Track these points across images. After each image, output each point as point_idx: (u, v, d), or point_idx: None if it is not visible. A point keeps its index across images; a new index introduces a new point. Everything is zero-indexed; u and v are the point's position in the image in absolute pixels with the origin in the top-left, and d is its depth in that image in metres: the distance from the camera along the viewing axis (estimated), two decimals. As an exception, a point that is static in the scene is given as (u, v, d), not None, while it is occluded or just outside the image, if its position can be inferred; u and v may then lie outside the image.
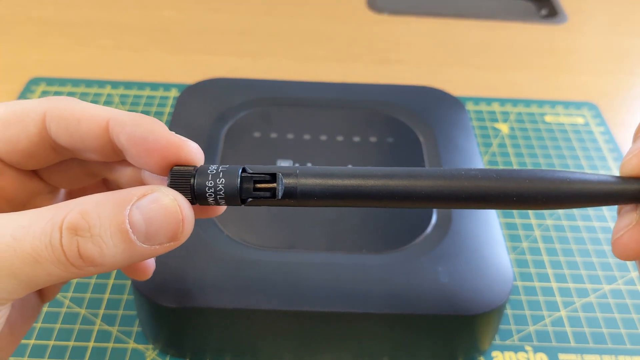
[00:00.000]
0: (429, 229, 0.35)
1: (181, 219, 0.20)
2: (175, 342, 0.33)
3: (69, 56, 0.57)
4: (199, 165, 0.21)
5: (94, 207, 0.19)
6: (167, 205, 0.20)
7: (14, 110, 0.22)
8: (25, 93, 0.52)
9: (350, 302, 0.31)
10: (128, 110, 0.22)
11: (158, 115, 0.51)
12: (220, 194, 0.21)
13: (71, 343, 0.34)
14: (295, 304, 0.31)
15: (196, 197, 0.21)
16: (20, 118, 0.21)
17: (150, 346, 0.34)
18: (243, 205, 0.21)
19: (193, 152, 0.21)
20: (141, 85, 0.54)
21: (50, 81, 0.53)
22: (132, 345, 0.34)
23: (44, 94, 0.52)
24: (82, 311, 0.36)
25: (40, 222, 0.19)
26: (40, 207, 0.24)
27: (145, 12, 0.64)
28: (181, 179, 0.21)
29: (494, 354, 0.35)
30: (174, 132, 0.21)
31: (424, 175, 0.21)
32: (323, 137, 0.40)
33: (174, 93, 0.53)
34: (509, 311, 0.37)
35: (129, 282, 0.37)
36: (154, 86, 0.54)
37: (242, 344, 0.33)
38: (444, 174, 0.21)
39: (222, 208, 0.24)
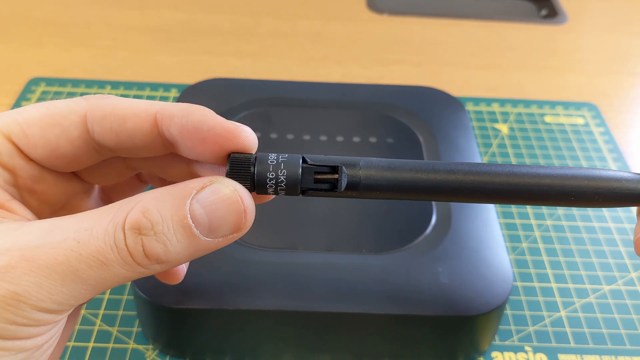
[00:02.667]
0: (429, 229, 0.35)
1: (243, 210, 0.20)
2: (175, 342, 0.33)
3: (69, 56, 0.57)
4: (254, 152, 0.21)
5: (154, 203, 0.19)
6: (228, 196, 0.19)
7: (50, 113, 0.21)
8: (25, 93, 0.52)
9: (350, 302, 0.31)
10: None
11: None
12: (281, 185, 0.20)
13: (71, 343, 0.34)
14: (295, 304, 0.31)
15: (256, 185, 0.20)
16: (58, 121, 0.21)
17: (150, 346, 0.34)
18: (301, 196, 0.21)
19: (249, 138, 0.20)
20: (141, 85, 0.54)
21: (50, 81, 0.53)
22: (132, 345, 0.34)
23: (44, 94, 0.52)
24: (82, 311, 0.36)
25: (102, 223, 0.18)
26: (78, 206, 0.23)
27: (145, 12, 0.64)
28: (241, 166, 0.20)
29: (494, 354, 0.35)
30: (224, 118, 0.20)
31: (484, 171, 0.21)
32: (323, 138, 0.40)
33: (174, 93, 0.53)
34: (508, 312, 0.37)
35: (129, 283, 0.37)
36: (154, 86, 0.54)
37: (242, 344, 0.33)
38: (504, 170, 0.21)
39: (272, 195, 0.23)
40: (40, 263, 0.18)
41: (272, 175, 0.20)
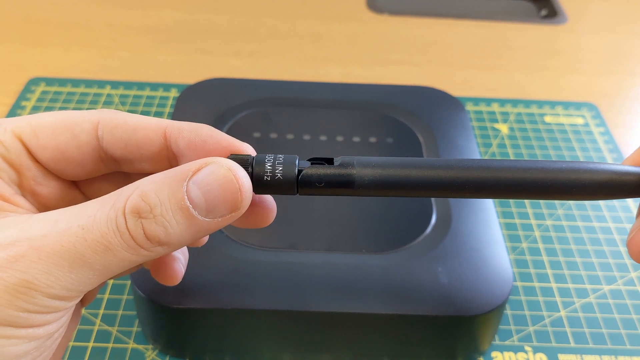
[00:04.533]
0: (429, 229, 0.35)
1: (238, 188, 0.20)
2: (175, 342, 0.33)
3: (69, 56, 0.57)
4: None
5: (152, 187, 0.19)
6: (224, 175, 0.20)
7: (63, 119, 0.22)
8: (25, 93, 0.52)
9: (350, 302, 0.31)
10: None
11: (158, 115, 0.51)
12: (278, 179, 0.21)
13: (71, 343, 0.34)
14: (295, 304, 0.31)
15: (253, 182, 0.21)
16: (70, 127, 0.22)
17: (150, 346, 0.34)
18: (298, 194, 0.21)
19: (251, 151, 0.22)
20: (141, 85, 0.54)
21: (50, 81, 0.53)
22: (131, 345, 0.34)
23: (44, 94, 0.52)
24: (82, 311, 0.36)
25: (104, 209, 0.19)
26: None
27: (145, 12, 0.64)
28: (239, 164, 0.21)
29: (494, 354, 0.35)
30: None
31: (478, 166, 0.21)
32: (323, 138, 0.40)
33: (174, 93, 0.53)
34: (508, 311, 0.37)
35: (128, 282, 0.37)
36: (154, 86, 0.54)
37: (242, 344, 0.33)
38: (493, 165, 0.21)
39: (272, 217, 0.24)
40: (48, 251, 0.18)
41: (269, 174, 0.21)
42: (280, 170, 0.21)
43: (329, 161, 0.21)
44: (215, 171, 0.20)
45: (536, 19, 0.70)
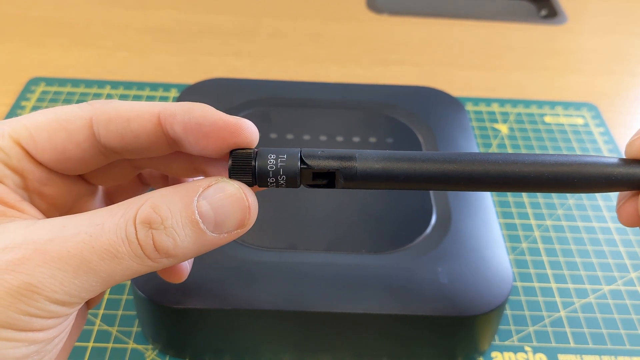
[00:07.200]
0: (429, 229, 0.35)
1: (247, 206, 0.21)
2: (174, 342, 0.33)
3: (69, 56, 0.57)
4: (255, 145, 0.22)
5: (163, 200, 0.20)
6: (233, 194, 0.20)
7: (57, 119, 0.21)
8: (25, 93, 0.52)
9: (350, 302, 0.31)
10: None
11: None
12: (281, 178, 0.21)
13: (71, 343, 0.34)
14: (295, 304, 0.31)
15: (257, 179, 0.21)
16: (64, 126, 0.21)
17: (150, 346, 0.34)
18: (302, 187, 0.22)
19: (251, 131, 0.21)
20: (141, 85, 0.54)
21: (50, 81, 0.53)
22: (131, 345, 0.34)
23: (44, 94, 0.52)
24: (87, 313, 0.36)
25: (113, 218, 0.19)
26: (84, 209, 0.24)
27: (145, 12, 0.64)
28: (243, 161, 0.21)
29: (494, 354, 0.35)
30: (225, 113, 0.21)
31: (476, 160, 0.21)
32: (323, 138, 0.40)
33: (174, 93, 0.53)
34: (508, 312, 0.37)
35: (128, 282, 0.37)
36: (154, 86, 0.54)
37: (242, 344, 0.33)
38: (496, 158, 0.21)
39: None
40: (54, 255, 0.18)
41: (273, 168, 0.21)
42: (282, 170, 0.21)
43: (331, 183, 0.21)
44: (225, 188, 0.20)
45: (536, 19, 0.70)
